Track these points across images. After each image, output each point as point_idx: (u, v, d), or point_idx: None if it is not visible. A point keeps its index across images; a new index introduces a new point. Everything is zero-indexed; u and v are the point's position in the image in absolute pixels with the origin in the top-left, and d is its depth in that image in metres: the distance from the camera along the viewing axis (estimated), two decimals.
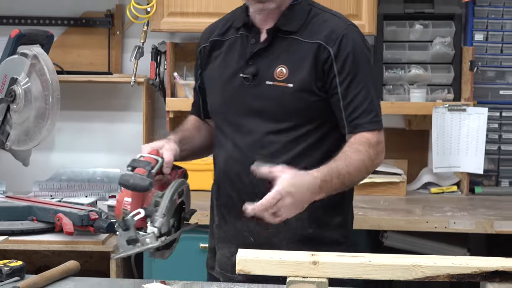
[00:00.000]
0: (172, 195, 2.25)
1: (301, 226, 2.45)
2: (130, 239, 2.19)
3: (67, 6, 4.27)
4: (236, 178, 2.49)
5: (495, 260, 1.84)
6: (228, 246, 2.53)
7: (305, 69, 2.41)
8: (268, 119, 2.45)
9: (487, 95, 4.13)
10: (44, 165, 4.22)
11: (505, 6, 4.07)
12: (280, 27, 2.47)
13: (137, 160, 2.33)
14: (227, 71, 2.54)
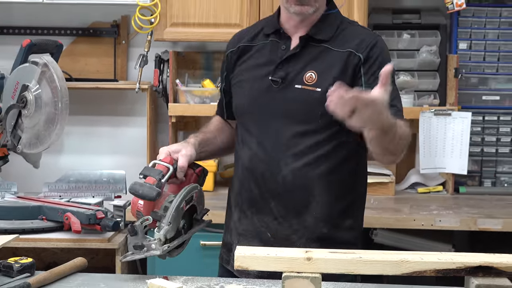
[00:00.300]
0: (179, 204, 2.24)
1: (317, 226, 2.44)
2: (137, 245, 2.20)
3: (76, 17, 4.26)
4: (260, 176, 2.47)
5: (478, 256, 1.84)
6: (248, 241, 2.50)
7: (332, 75, 2.40)
8: (294, 121, 2.43)
9: (471, 101, 4.13)
10: (53, 167, 4.21)
11: (487, 17, 4.07)
12: (312, 36, 2.47)
13: (149, 169, 2.34)
14: (256, 73, 2.53)
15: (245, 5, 3.82)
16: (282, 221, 2.45)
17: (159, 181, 2.27)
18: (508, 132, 4.09)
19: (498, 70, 4.10)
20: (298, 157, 2.42)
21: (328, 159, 2.43)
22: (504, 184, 4.11)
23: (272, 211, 2.46)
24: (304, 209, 2.44)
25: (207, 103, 3.99)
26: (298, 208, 2.44)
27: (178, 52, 4.17)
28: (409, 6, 4.21)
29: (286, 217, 2.45)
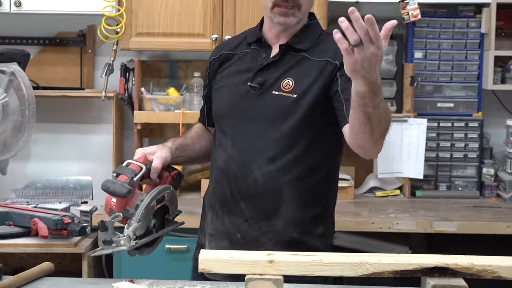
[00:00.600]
0: (149, 202, 2.25)
1: (286, 230, 2.43)
2: (106, 240, 2.19)
3: (43, 27, 4.23)
4: (233, 177, 2.47)
5: (434, 257, 1.84)
6: (218, 241, 2.51)
7: (308, 82, 2.41)
8: (269, 125, 2.43)
9: (426, 108, 4.16)
10: (20, 174, 4.17)
11: (441, 27, 4.11)
12: (292, 45, 2.49)
13: (122, 167, 2.33)
14: (236, 80, 2.54)
15: (208, 15, 3.82)
16: (252, 222, 2.45)
17: (131, 180, 2.27)
18: (462, 137, 4.12)
19: (452, 78, 4.14)
20: (270, 161, 2.42)
21: (299, 164, 2.43)
22: (459, 188, 4.14)
23: (243, 212, 2.46)
24: (274, 212, 2.44)
25: (171, 111, 3.98)
26: (268, 211, 2.44)
27: (143, 61, 4.15)
28: None
29: (256, 219, 2.45)
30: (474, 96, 4.14)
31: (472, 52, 4.11)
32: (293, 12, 2.44)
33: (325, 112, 2.42)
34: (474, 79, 4.12)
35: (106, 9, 3.79)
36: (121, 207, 2.26)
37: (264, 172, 2.42)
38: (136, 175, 2.30)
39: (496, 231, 3.50)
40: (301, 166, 2.42)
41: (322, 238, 2.50)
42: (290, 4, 2.43)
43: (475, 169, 4.14)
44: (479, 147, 4.12)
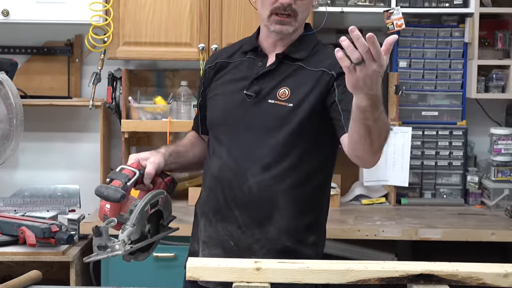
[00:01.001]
0: (143, 206, 2.24)
1: (280, 239, 2.44)
2: (100, 245, 2.18)
3: (30, 36, 4.22)
4: (227, 184, 2.47)
5: (419, 264, 1.85)
6: (211, 249, 2.50)
7: (304, 92, 2.42)
8: (264, 134, 2.44)
9: (411, 116, 4.17)
10: (8, 182, 4.16)
11: (425, 37, 4.12)
12: (288, 54, 2.49)
13: (116, 173, 2.33)
14: (231, 88, 2.54)
15: (195, 25, 3.82)
16: (245, 230, 2.45)
17: (125, 184, 2.27)
18: (447, 146, 4.14)
19: (436, 87, 4.15)
20: (265, 169, 2.43)
21: (294, 173, 2.43)
22: (443, 195, 4.15)
23: (236, 219, 2.46)
24: (268, 220, 2.44)
25: (158, 119, 3.97)
26: (262, 219, 2.44)
27: (131, 70, 4.15)
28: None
29: (250, 226, 2.45)
30: (458, 105, 4.16)
31: (456, 61, 4.13)
32: (289, 21, 2.45)
33: (321, 122, 2.42)
34: (458, 88, 4.14)
35: (93, 18, 3.79)
36: (115, 212, 2.25)
37: (258, 180, 2.42)
38: (130, 180, 2.29)
39: (481, 238, 3.51)
40: (296, 174, 2.43)
41: (314, 247, 2.50)
42: (287, 13, 2.43)
43: (459, 177, 4.15)
44: (463, 155, 4.14)
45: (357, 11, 4.06)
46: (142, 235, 2.26)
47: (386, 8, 3.97)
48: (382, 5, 3.99)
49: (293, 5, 2.43)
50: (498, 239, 3.51)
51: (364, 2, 4.02)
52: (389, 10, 3.96)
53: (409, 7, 4.01)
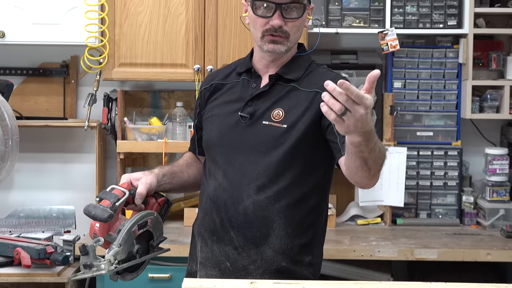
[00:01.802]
0: (130, 227, 2.25)
1: (276, 259, 2.43)
2: (86, 264, 2.18)
3: (26, 58, 4.23)
4: (222, 205, 2.46)
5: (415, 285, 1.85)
6: (208, 270, 2.50)
7: (298, 113, 2.42)
8: (259, 155, 2.44)
9: (406, 136, 4.18)
10: (3, 203, 4.15)
11: (420, 58, 4.14)
12: (282, 75, 2.50)
13: (106, 192, 2.34)
14: (226, 109, 2.54)
15: (190, 46, 3.83)
16: (241, 251, 2.44)
17: (113, 205, 2.27)
18: (442, 166, 4.14)
19: (431, 108, 4.16)
20: (260, 190, 2.43)
21: (289, 194, 2.43)
22: (439, 215, 4.15)
23: (232, 240, 2.45)
24: (263, 241, 2.43)
25: (154, 140, 3.97)
26: (257, 240, 2.43)
27: (126, 91, 4.15)
28: (347, 47, 4.27)
29: (245, 247, 2.44)
30: (453, 125, 4.16)
31: (450, 82, 4.14)
32: (282, 41, 2.46)
33: (316, 142, 2.43)
34: (452, 108, 4.15)
35: (89, 40, 3.80)
36: (103, 232, 2.26)
37: (253, 201, 2.42)
38: (119, 200, 2.29)
39: (477, 258, 3.50)
40: (291, 195, 2.42)
41: (310, 267, 2.49)
42: (278, 33, 2.44)
43: (455, 197, 4.15)
44: (458, 175, 4.14)
45: (352, 32, 4.07)
46: (131, 255, 2.26)
47: (380, 29, 3.99)
48: (377, 26, 4.01)
49: (284, 26, 2.44)
50: (494, 259, 3.51)
51: (358, 23, 4.03)
52: (383, 31, 3.98)
53: (404, 28, 4.03)
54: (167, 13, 3.83)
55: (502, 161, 4.04)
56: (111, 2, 3.82)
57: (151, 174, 2.48)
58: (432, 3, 4.03)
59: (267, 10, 2.43)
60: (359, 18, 4.03)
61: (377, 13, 4.01)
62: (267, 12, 2.43)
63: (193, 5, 3.83)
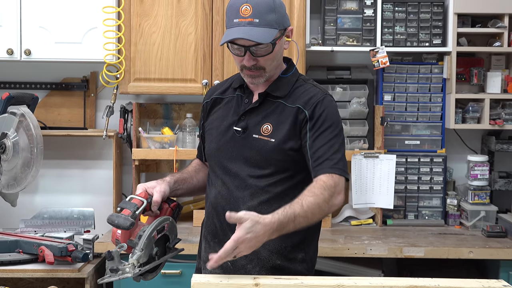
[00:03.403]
0: (150, 233, 2.26)
1: (271, 258, 2.44)
2: (112, 268, 2.19)
3: (50, 73, 4.23)
4: (221, 210, 2.47)
5: (404, 280, 1.85)
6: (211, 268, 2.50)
7: (285, 128, 2.42)
8: (251, 165, 2.45)
9: (395, 145, 4.17)
10: (29, 205, 4.15)
11: (408, 73, 4.14)
12: (270, 92, 2.49)
13: (126, 202, 2.35)
14: (224, 123, 2.54)
15: (199, 63, 3.84)
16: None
17: (134, 213, 2.29)
18: (428, 171, 4.14)
19: (418, 119, 4.16)
20: (254, 196, 2.44)
21: (280, 199, 2.43)
22: (425, 217, 4.14)
23: None
24: None
25: (166, 148, 3.98)
26: None
27: (141, 104, 4.16)
28: (341, 64, 4.27)
29: None
30: (438, 135, 4.16)
31: (435, 95, 4.14)
32: (259, 74, 2.44)
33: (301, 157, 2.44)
34: (437, 119, 4.15)
35: (107, 57, 3.80)
36: (125, 237, 2.28)
37: (248, 206, 2.43)
38: (138, 209, 2.31)
39: (460, 256, 3.50)
40: (282, 200, 2.41)
41: (303, 263, 2.49)
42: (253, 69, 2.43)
43: (440, 200, 4.14)
44: (443, 180, 4.14)
45: (346, 50, 4.08)
46: (150, 257, 2.27)
47: (372, 47, 4.00)
48: (368, 44, 4.02)
49: (257, 63, 2.42)
50: (476, 256, 3.50)
51: (352, 42, 4.03)
52: (374, 49, 3.98)
53: (393, 46, 4.04)
54: (178, 33, 3.84)
55: (483, 167, 4.04)
56: (127, 23, 3.83)
57: (164, 182, 2.48)
58: (419, 24, 4.04)
59: (239, 50, 2.40)
60: (352, 37, 4.04)
61: (369, 33, 4.02)
62: (239, 51, 2.41)
63: (201, 25, 3.83)
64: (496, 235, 3.75)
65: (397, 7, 4.03)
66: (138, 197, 2.35)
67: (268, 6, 2.36)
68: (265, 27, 2.35)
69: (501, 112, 4.00)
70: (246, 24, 2.34)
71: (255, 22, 2.34)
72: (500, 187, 4.15)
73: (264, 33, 2.35)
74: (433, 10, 4.04)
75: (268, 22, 2.36)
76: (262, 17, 2.35)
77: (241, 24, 2.35)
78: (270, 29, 2.36)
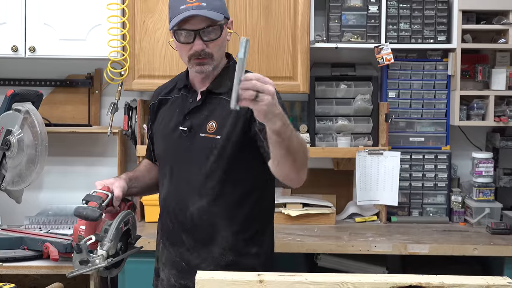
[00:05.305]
0: (118, 224, 2.29)
1: (223, 254, 2.45)
2: (82, 260, 2.21)
3: (54, 70, 4.24)
4: (172, 212, 2.50)
5: (409, 277, 1.84)
6: (168, 269, 2.54)
7: (230, 123, 2.42)
8: (199, 165, 2.45)
9: (400, 142, 4.17)
10: (34, 202, 4.15)
11: (412, 70, 4.13)
12: (212, 90, 2.50)
13: (90, 195, 2.37)
14: (170, 124, 2.56)
15: None
16: (192, 251, 2.48)
17: (100, 205, 2.33)
18: (432, 168, 4.13)
19: (422, 115, 4.15)
20: (202, 196, 2.45)
21: (228, 197, 2.45)
22: (430, 214, 4.14)
23: (184, 243, 2.49)
24: (210, 241, 2.46)
25: None
26: (205, 240, 2.46)
27: (145, 101, 4.15)
28: (346, 61, 4.26)
29: (195, 247, 2.47)
30: (442, 131, 4.16)
31: (440, 92, 4.13)
32: (207, 61, 2.45)
33: (251, 149, 2.43)
34: (442, 116, 4.14)
35: (111, 54, 3.80)
36: (90, 232, 2.30)
37: (198, 207, 2.45)
38: (104, 201, 2.33)
39: (464, 253, 3.49)
40: (231, 197, 2.44)
41: (256, 257, 2.49)
42: (202, 56, 2.43)
43: (444, 197, 4.14)
44: (447, 177, 4.13)
45: (350, 47, 4.07)
46: (116, 252, 2.29)
47: (376, 44, 3.99)
48: (373, 41, 4.01)
49: (206, 49, 2.43)
50: (480, 253, 3.50)
51: (356, 39, 4.03)
52: (379, 46, 3.98)
53: (397, 43, 4.03)
54: None
55: (488, 164, 4.03)
56: (131, 20, 3.82)
57: (121, 179, 2.52)
58: (424, 20, 4.03)
59: (188, 37, 2.41)
60: (357, 34, 4.03)
61: (373, 30, 4.01)
62: (188, 38, 2.41)
63: None
64: (500, 232, 3.74)
65: (402, 3, 4.03)
66: (102, 191, 2.37)
67: None
68: (213, 11, 2.39)
69: (506, 109, 4.00)
70: (194, 8, 2.37)
71: (203, 6, 2.38)
72: (504, 184, 4.14)
73: (213, 14, 2.39)
74: (438, 7, 4.03)
75: (215, 6, 2.40)
76: (208, 1, 2.39)
77: (189, 8, 2.37)
78: (218, 13, 2.40)
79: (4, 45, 3.80)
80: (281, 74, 3.80)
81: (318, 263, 3.67)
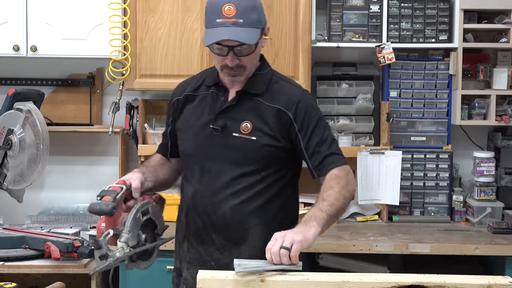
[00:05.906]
0: (135, 214, 2.26)
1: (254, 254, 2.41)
2: (102, 255, 2.19)
3: (56, 69, 4.24)
4: (203, 211, 2.48)
5: (410, 276, 1.85)
6: (196, 268, 2.49)
7: (266, 127, 2.43)
8: (232, 165, 2.45)
9: (401, 141, 4.17)
10: (35, 201, 4.16)
11: (414, 69, 4.13)
12: (247, 90, 2.48)
13: (105, 190, 2.35)
14: (199, 121, 2.53)
15: (205, 59, 3.83)
16: (223, 251, 2.47)
17: (115, 198, 2.28)
18: (434, 168, 4.13)
19: (424, 115, 4.15)
20: (235, 196, 2.44)
21: (261, 196, 2.45)
22: (431, 213, 4.14)
23: (214, 242, 2.48)
24: (242, 240, 2.45)
25: None
26: (237, 240, 2.46)
27: (146, 100, 4.16)
28: (347, 60, 4.26)
29: (226, 247, 2.47)
30: (444, 131, 4.15)
31: (441, 91, 4.13)
32: (239, 73, 2.43)
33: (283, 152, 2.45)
34: (443, 115, 4.14)
35: (113, 53, 3.81)
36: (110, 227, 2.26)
37: (230, 206, 2.44)
38: (118, 194, 2.30)
39: (466, 252, 3.49)
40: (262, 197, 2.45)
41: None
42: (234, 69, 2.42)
43: (446, 196, 4.14)
44: (449, 176, 4.13)
45: (352, 46, 4.08)
46: (140, 244, 2.27)
47: (378, 43, 3.99)
48: (374, 41, 4.01)
49: (239, 63, 2.41)
50: (482, 253, 3.50)
51: (358, 38, 4.03)
52: (380, 45, 3.98)
53: (399, 42, 4.03)
54: (183, 29, 3.84)
55: (489, 164, 4.03)
56: (133, 19, 3.83)
57: (136, 172, 2.48)
58: (425, 20, 4.03)
59: (222, 50, 2.38)
60: (358, 33, 4.03)
61: (375, 29, 4.01)
62: (222, 51, 2.38)
63: None
64: (502, 231, 3.74)
65: (403, 3, 4.02)
66: (116, 185, 2.35)
67: (250, 5, 2.36)
68: (249, 27, 2.35)
69: (507, 108, 4.00)
70: (230, 25, 2.33)
71: (240, 23, 2.33)
72: (506, 183, 4.14)
73: (249, 33, 2.35)
74: (439, 6, 4.03)
75: (252, 22, 2.35)
76: (245, 17, 2.34)
77: (226, 24, 2.33)
78: (254, 29, 2.36)
79: (5, 45, 3.81)
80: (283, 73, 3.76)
81: (320, 263, 3.67)
